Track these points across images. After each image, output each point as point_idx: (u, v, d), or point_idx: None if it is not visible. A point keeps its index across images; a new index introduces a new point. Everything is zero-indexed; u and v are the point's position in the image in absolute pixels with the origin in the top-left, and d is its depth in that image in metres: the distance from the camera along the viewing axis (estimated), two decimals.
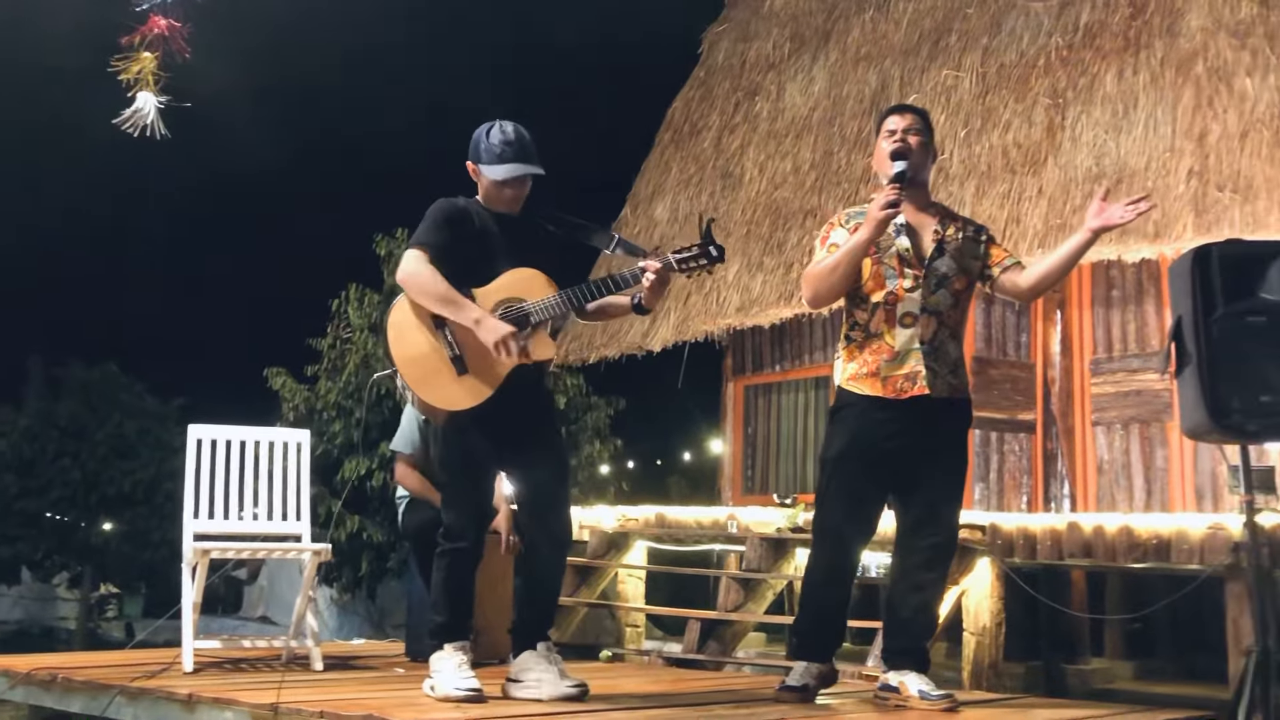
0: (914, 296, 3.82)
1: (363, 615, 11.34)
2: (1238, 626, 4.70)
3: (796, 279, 8.99)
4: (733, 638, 5.95)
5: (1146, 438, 8.05)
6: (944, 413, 3.80)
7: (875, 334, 3.83)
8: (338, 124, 24.16)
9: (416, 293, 3.72)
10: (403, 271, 3.74)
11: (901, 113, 4.07)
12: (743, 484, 10.46)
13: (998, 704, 4.12)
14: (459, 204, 3.89)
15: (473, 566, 3.83)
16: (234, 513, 4.87)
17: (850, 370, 3.87)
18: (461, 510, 3.79)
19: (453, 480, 3.89)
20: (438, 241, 3.74)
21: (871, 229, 3.73)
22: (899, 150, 3.89)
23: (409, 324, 3.75)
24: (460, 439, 3.77)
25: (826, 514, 3.91)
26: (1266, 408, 3.69)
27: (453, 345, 3.68)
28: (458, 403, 3.69)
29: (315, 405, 9.88)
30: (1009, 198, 7.95)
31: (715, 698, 4.08)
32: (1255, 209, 6.86)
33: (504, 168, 3.82)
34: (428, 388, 3.69)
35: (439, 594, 3.80)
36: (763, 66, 10.78)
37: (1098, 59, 8.21)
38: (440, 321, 3.70)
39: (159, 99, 4.44)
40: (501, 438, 3.77)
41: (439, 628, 3.78)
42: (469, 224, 3.84)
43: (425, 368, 3.70)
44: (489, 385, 3.68)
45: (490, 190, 3.88)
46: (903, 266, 3.84)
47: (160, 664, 4.45)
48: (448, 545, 3.80)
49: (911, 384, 3.76)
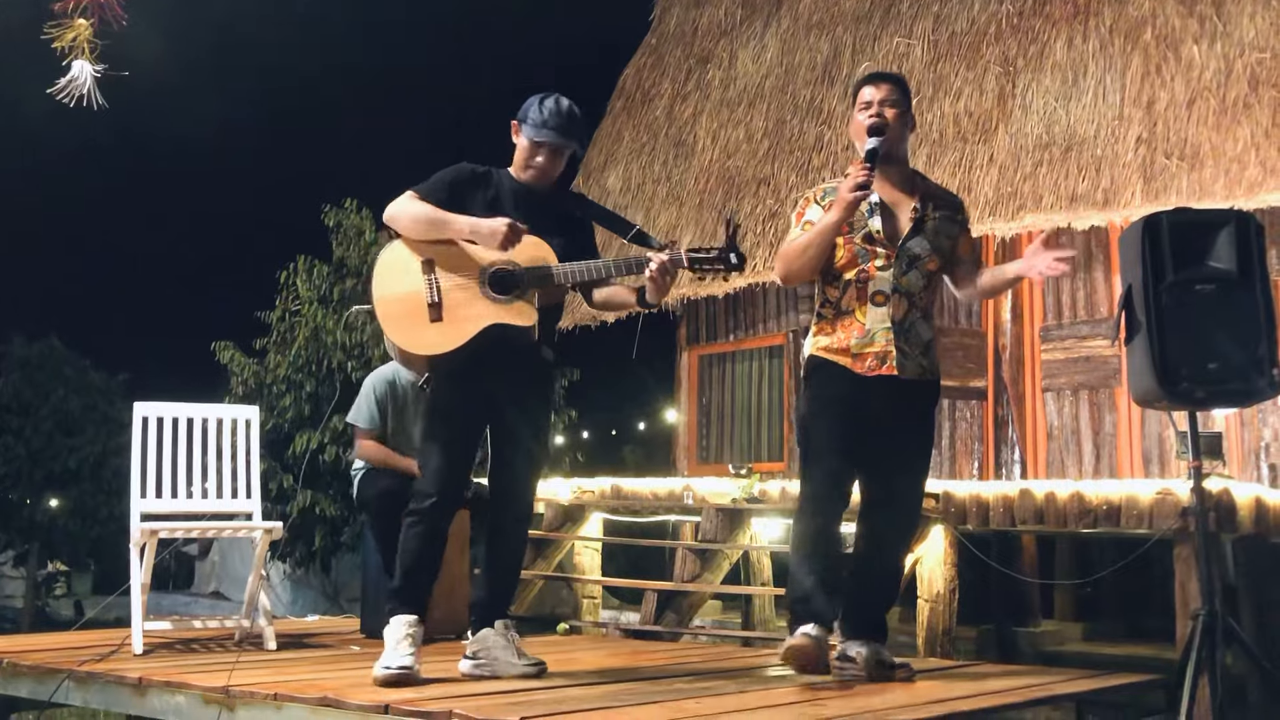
0: (885, 275, 3.77)
1: (317, 589, 11.26)
2: (1185, 590, 4.78)
3: (750, 248, 8.98)
4: (689, 608, 5.97)
5: (1095, 404, 8.16)
6: (912, 392, 3.79)
7: (846, 311, 3.78)
8: (284, 95, 23.72)
9: (403, 219, 3.64)
10: (391, 209, 3.67)
11: (877, 82, 3.94)
12: (698, 453, 10.49)
13: (951, 671, 4.16)
14: (477, 169, 3.83)
15: (438, 532, 3.69)
16: (183, 491, 4.79)
17: (822, 343, 3.83)
18: (436, 466, 3.68)
19: (430, 433, 3.77)
20: (433, 191, 3.69)
21: (841, 210, 3.67)
22: (875, 126, 3.80)
23: (397, 264, 3.65)
24: (443, 392, 3.72)
25: (812, 468, 3.80)
26: (1214, 375, 3.74)
27: (434, 291, 3.60)
28: (424, 346, 3.62)
29: (265, 379, 9.75)
30: (960, 166, 7.98)
31: (673, 670, 4.08)
32: (1202, 177, 6.94)
33: (543, 130, 3.77)
34: (398, 328, 3.63)
35: (399, 557, 3.68)
36: (715, 33, 10.71)
37: (1048, 26, 8.24)
38: (429, 267, 3.61)
39: (95, 67, 4.29)
40: (489, 403, 3.71)
41: (391, 592, 3.68)
42: (483, 188, 3.78)
43: (400, 308, 3.62)
44: (462, 333, 3.59)
45: (523, 153, 3.81)
46: (874, 246, 3.78)
47: (110, 645, 4.37)
48: (412, 505, 3.69)
49: (880, 363, 3.72)
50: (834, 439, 3.73)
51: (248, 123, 22.40)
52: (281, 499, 9.36)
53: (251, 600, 4.78)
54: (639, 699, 3.29)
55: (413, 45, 22.57)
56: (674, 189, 9.99)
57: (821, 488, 3.74)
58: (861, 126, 3.84)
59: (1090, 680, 3.91)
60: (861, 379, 3.72)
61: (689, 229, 9.54)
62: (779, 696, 3.42)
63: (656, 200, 10.06)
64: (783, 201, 8.92)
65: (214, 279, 23.38)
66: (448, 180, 3.74)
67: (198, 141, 21.80)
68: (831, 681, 3.62)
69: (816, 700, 3.29)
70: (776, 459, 9.81)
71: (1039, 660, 6.98)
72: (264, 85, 23.06)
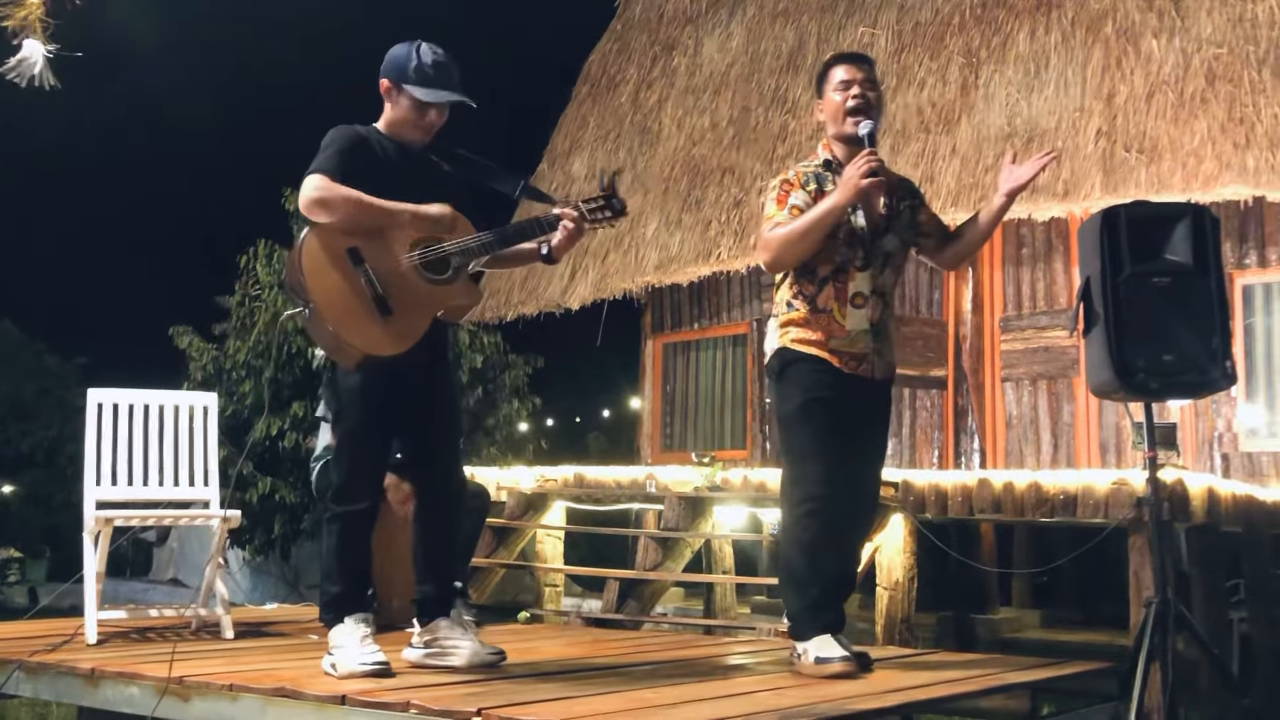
0: (865, 276, 3.70)
1: (276, 576, 11.17)
2: (1139, 578, 4.85)
3: (715, 236, 9.00)
4: (651, 596, 5.98)
5: (1054, 393, 8.24)
6: (881, 390, 3.78)
7: (823, 310, 3.68)
8: (243, 75, 23.43)
9: (330, 208, 3.36)
10: (306, 196, 3.36)
11: (857, 62, 3.81)
12: (662, 441, 10.50)
13: (909, 660, 4.19)
14: (359, 131, 3.56)
15: (369, 530, 3.59)
16: (139, 479, 4.72)
17: (794, 335, 3.71)
18: (362, 468, 3.53)
19: (356, 433, 3.54)
20: (339, 168, 3.40)
21: (850, 194, 3.54)
22: (859, 106, 3.69)
23: (323, 260, 3.38)
24: (370, 390, 3.48)
25: (806, 468, 3.65)
26: (1169, 367, 3.79)
27: (374, 284, 3.39)
28: (382, 347, 3.40)
29: (224, 364, 9.63)
30: (923, 156, 8.03)
31: (634, 660, 4.08)
32: (1160, 169, 7.02)
33: (435, 92, 3.52)
34: (350, 327, 3.37)
35: (333, 562, 3.53)
36: (680, 20, 10.69)
37: (1011, 17, 8.29)
38: (357, 259, 3.39)
39: (47, 47, 4.21)
40: (406, 390, 3.54)
41: (335, 599, 3.53)
42: (370, 153, 3.52)
43: (347, 306, 3.37)
44: (414, 331, 3.44)
45: (407, 114, 3.56)
46: (855, 245, 3.69)
47: (62, 635, 4.30)
48: (342, 508, 3.53)
49: (858, 364, 3.68)
50: (823, 438, 3.63)
51: (206, 104, 22.11)
52: (241, 485, 9.26)
53: (208, 588, 4.73)
54: (598, 688, 3.29)
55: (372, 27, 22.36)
56: (639, 176, 9.98)
57: (820, 487, 3.60)
58: (841, 108, 3.71)
59: (1044, 669, 3.96)
60: (837, 373, 3.68)
61: (653, 216, 9.53)
62: (739, 686, 3.43)
63: (621, 187, 10.02)
64: (747, 190, 8.94)
65: (172, 263, 23.10)
66: (345, 148, 3.47)
67: (155, 123, 21.50)
68: (790, 671, 3.63)
69: (775, 690, 3.31)
70: (740, 446, 9.84)
71: (997, 647, 7.05)
72: (222, 65, 22.79)
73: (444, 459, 3.72)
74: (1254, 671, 5.91)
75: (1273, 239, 7.45)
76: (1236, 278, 7.49)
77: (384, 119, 3.64)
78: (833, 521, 3.62)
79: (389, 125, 3.63)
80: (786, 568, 3.70)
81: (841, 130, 3.73)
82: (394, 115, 3.61)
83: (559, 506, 6.87)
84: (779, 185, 3.77)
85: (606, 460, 14.53)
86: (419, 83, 3.54)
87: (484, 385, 10.48)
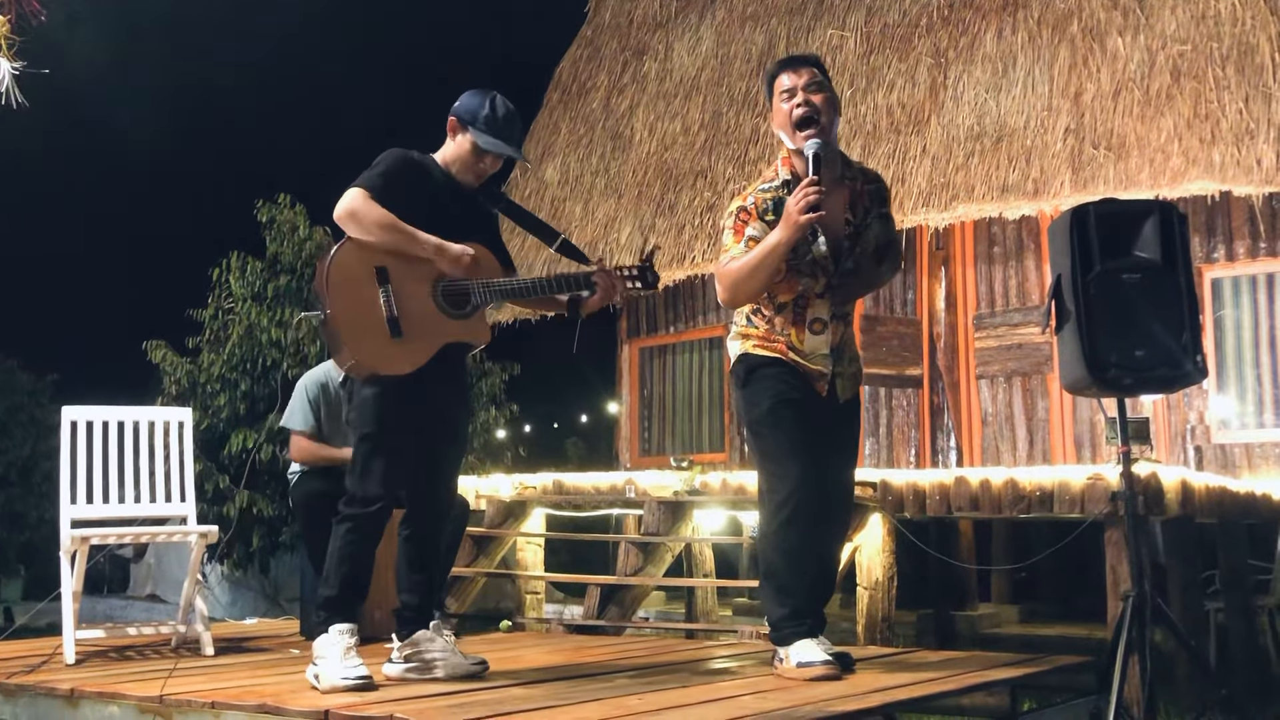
0: (824, 302, 3.67)
1: (256, 590, 11.09)
2: (1116, 572, 4.89)
3: (689, 240, 9.02)
4: (633, 601, 5.98)
5: (1028, 389, 8.31)
6: (845, 410, 3.78)
7: (781, 333, 3.68)
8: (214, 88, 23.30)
9: (364, 225, 3.49)
10: (343, 208, 3.50)
11: (795, 68, 3.68)
12: (640, 445, 10.51)
13: (890, 659, 4.22)
14: (417, 158, 3.72)
15: (376, 538, 3.63)
16: (114, 496, 4.69)
17: (755, 342, 3.72)
18: (374, 474, 3.57)
19: (369, 441, 3.60)
20: (382, 187, 3.54)
21: (791, 231, 3.45)
22: (805, 116, 3.59)
23: (351, 271, 3.52)
24: (386, 400, 3.59)
25: (775, 471, 3.62)
26: (1141, 362, 3.82)
27: (391, 305, 3.52)
28: (390, 366, 3.53)
29: (198, 378, 9.56)
30: (894, 157, 8.07)
31: (617, 666, 4.09)
32: (1128, 166, 7.09)
33: (496, 142, 3.69)
34: (360, 343, 3.51)
35: (334, 565, 3.55)
36: (650, 25, 10.71)
37: (978, 18, 8.36)
38: (384, 278, 3.52)
39: (13, 65, 4.17)
40: (423, 407, 3.63)
41: (327, 601, 3.55)
42: (425, 182, 3.68)
43: (361, 323, 3.51)
44: (424, 353, 3.56)
45: (466, 155, 3.72)
46: (817, 271, 3.64)
47: (40, 655, 4.27)
48: (352, 510, 3.56)
49: (818, 381, 3.69)
50: (795, 439, 3.61)
51: (177, 116, 21.97)
52: (218, 500, 9.20)
53: (188, 605, 4.70)
54: (582, 696, 3.29)
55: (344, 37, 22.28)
56: (612, 181, 9.99)
57: (798, 489, 3.57)
58: (788, 116, 3.63)
59: (1024, 666, 3.99)
60: (801, 376, 3.68)
61: (627, 221, 9.55)
62: (722, 690, 3.44)
63: (595, 192, 10.05)
64: (720, 194, 8.96)
65: (144, 276, 22.93)
66: (394, 172, 3.62)
67: (125, 135, 21.35)
68: (772, 675, 3.65)
69: (758, 693, 3.32)
70: (718, 449, 9.86)
71: (977, 643, 7.11)
72: (193, 78, 22.64)
73: (444, 481, 3.80)
74: (1231, 661, 5.98)
75: (1240, 233, 7.54)
76: (1205, 272, 7.57)
77: (443, 152, 3.80)
78: (812, 524, 3.60)
79: (446, 160, 3.78)
80: (767, 573, 3.69)
81: (794, 143, 3.63)
82: (453, 153, 3.77)
83: (538, 514, 6.87)
84: (735, 214, 3.67)
85: (585, 465, 14.52)
86: (485, 130, 3.70)
87: None
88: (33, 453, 15.50)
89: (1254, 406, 7.50)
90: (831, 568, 3.90)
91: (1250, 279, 7.54)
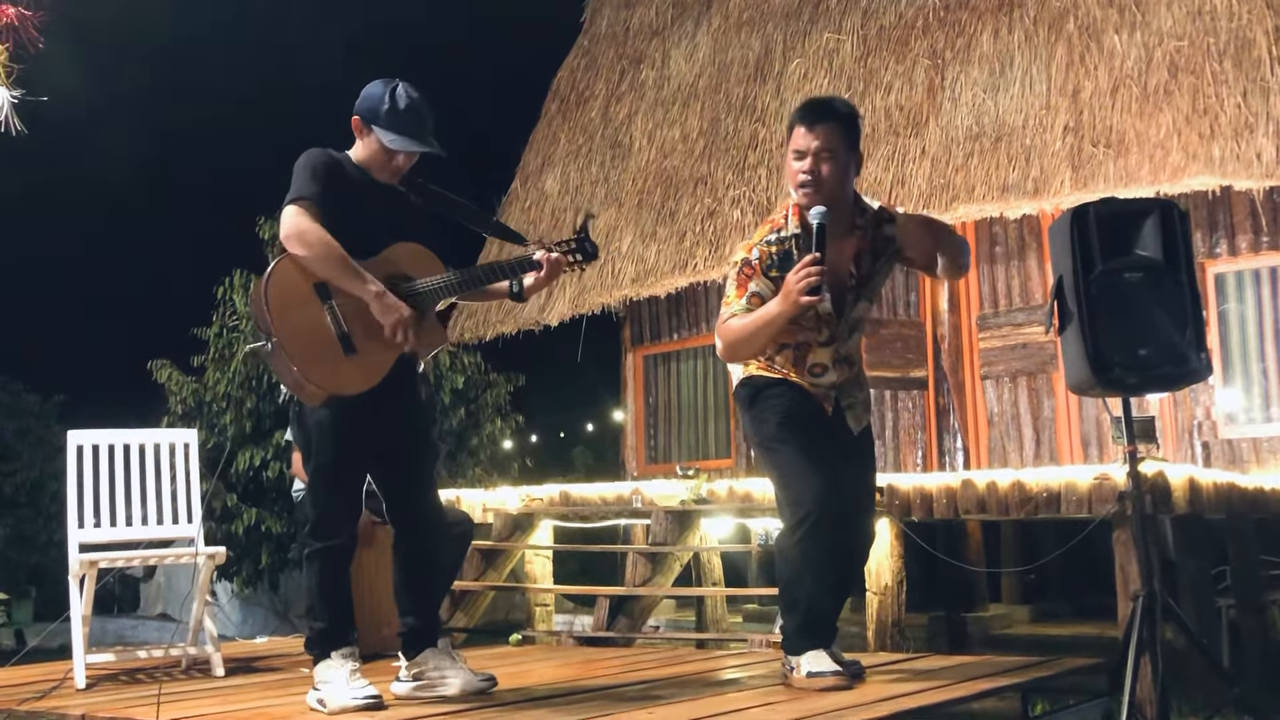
0: (827, 350, 3.62)
1: (266, 607, 11.10)
2: (1125, 572, 4.87)
3: (690, 247, 9.02)
4: (642, 612, 5.97)
5: (1034, 389, 8.29)
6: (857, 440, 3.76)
7: (781, 369, 3.66)
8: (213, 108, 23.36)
9: (311, 254, 3.30)
10: (289, 230, 3.31)
11: (811, 125, 3.48)
12: (646, 453, 10.50)
13: (900, 666, 4.20)
14: (332, 155, 3.50)
15: (348, 564, 3.57)
16: (121, 519, 4.69)
17: (758, 366, 3.68)
18: (337, 503, 3.49)
19: (327, 470, 3.49)
20: (318, 194, 3.36)
21: (790, 308, 3.37)
22: (806, 184, 3.45)
23: (291, 292, 3.32)
24: (339, 424, 3.43)
25: (791, 485, 3.56)
26: (1145, 361, 3.81)
27: (339, 321, 3.34)
28: (346, 386, 3.36)
29: (204, 397, 9.58)
30: (893, 160, 8.07)
31: (627, 679, 4.08)
32: (1128, 163, 7.08)
33: (404, 139, 3.48)
34: (314, 366, 3.30)
35: (316, 599, 3.49)
36: (646, 33, 10.73)
37: (974, 18, 8.36)
38: (325, 294, 3.34)
39: (12, 93, 4.19)
40: (378, 424, 3.50)
41: (321, 635, 3.50)
42: (346, 182, 3.47)
43: (311, 343, 3.31)
44: (378, 369, 3.40)
45: (377, 155, 3.53)
46: (820, 325, 3.61)
47: (51, 680, 4.28)
48: (321, 544, 3.48)
49: (825, 401, 3.65)
50: (808, 453, 3.56)
51: (177, 137, 22.03)
52: (226, 518, 9.21)
53: (197, 626, 4.71)
54: (591, 712, 3.28)
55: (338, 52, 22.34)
56: (612, 190, 10.00)
57: (815, 505, 3.50)
58: (794, 178, 3.52)
59: (1034, 670, 3.98)
60: (810, 395, 3.66)
61: (628, 230, 9.55)
62: (732, 702, 3.44)
63: (595, 202, 10.06)
64: (720, 200, 8.97)
65: (148, 297, 22.98)
66: (322, 173, 3.42)
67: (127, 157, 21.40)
68: (782, 685, 3.64)
69: (768, 705, 3.31)
70: (725, 455, 9.86)
71: (988, 644, 7.09)
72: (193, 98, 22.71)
73: (418, 493, 3.69)
74: (1244, 657, 5.95)
75: (1241, 227, 7.53)
76: (1208, 267, 7.56)
77: (354, 151, 3.62)
78: (830, 535, 3.55)
79: (361, 160, 3.60)
80: (786, 583, 3.66)
81: (799, 202, 3.54)
82: (364, 153, 3.59)
83: (546, 525, 6.86)
84: (740, 266, 3.58)
85: (592, 474, 14.50)
86: (389, 127, 3.49)
87: (466, 405, 10.46)
88: (41, 474, 15.54)
89: (1260, 401, 7.48)
90: (850, 576, 3.86)
91: (1254, 273, 7.52)
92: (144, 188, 23.40)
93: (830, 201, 3.48)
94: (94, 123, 14.41)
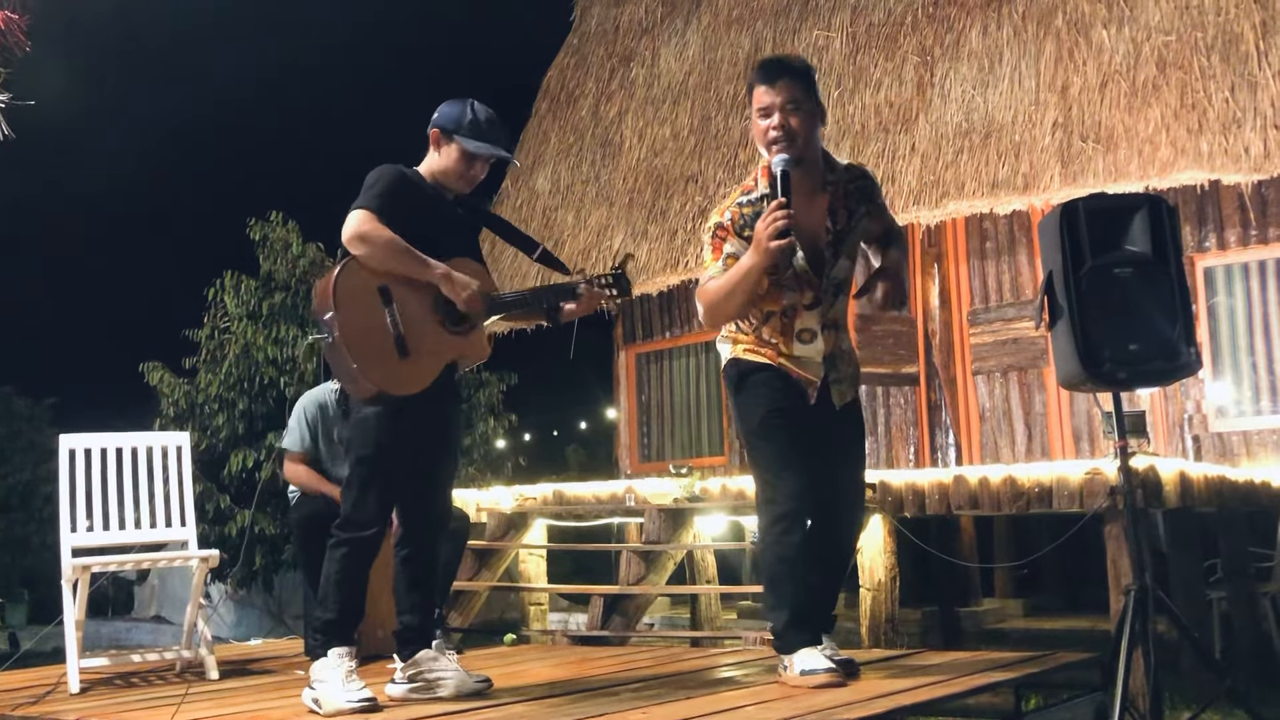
0: (813, 313, 3.59)
1: (260, 608, 11.08)
2: (1117, 566, 4.89)
3: (682, 245, 9.03)
4: (636, 610, 5.98)
5: (1025, 384, 8.31)
6: (843, 414, 3.74)
7: (769, 341, 3.64)
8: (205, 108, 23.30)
9: (373, 249, 3.47)
10: (352, 231, 3.47)
11: (772, 82, 3.52)
12: (639, 451, 10.51)
13: (894, 662, 4.22)
14: (405, 172, 3.70)
15: (371, 559, 3.62)
16: (114, 522, 4.68)
17: (745, 346, 3.68)
18: (371, 498, 3.56)
19: (367, 464, 3.59)
20: (386, 207, 3.52)
21: (762, 257, 3.38)
22: (777, 139, 3.48)
23: (357, 292, 3.49)
24: (383, 420, 3.56)
25: (771, 482, 3.56)
26: (1136, 356, 3.83)
27: (397, 324, 3.51)
28: (400, 386, 3.52)
29: (196, 399, 9.55)
30: (883, 156, 8.08)
31: (621, 678, 4.09)
32: (1117, 158, 7.10)
33: (485, 145, 3.71)
34: (371, 365, 3.48)
35: (331, 587, 3.54)
36: (636, 31, 10.72)
37: (963, 15, 8.37)
38: (387, 298, 3.52)
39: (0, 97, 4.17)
40: (418, 427, 3.61)
41: (326, 625, 3.53)
42: (419, 196, 3.68)
43: (368, 341, 3.49)
44: (428, 374, 3.57)
45: (455, 164, 3.72)
46: (801, 284, 3.58)
47: (45, 685, 4.27)
48: (348, 535, 3.54)
49: (809, 388, 3.64)
50: (789, 451, 3.56)
51: (169, 138, 21.99)
52: (219, 520, 9.19)
53: (191, 629, 4.70)
54: (587, 711, 3.29)
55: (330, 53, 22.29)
56: (603, 189, 10.00)
57: (794, 502, 3.52)
58: (763, 134, 3.54)
59: (1027, 665, 3.99)
60: (794, 381, 3.66)
61: (619, 228, 9.56)
62: (726, 701, 3.44)
63: (586, 200, 10.06)
64: (711, 198, 8.97)
65: (139, 299, 22.93)
66: (394, 188, 3.61)
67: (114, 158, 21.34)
68: (776, 683, 3.65)
69: (762, 703, 3.32)
70: (717, 453, 9.87)
71: (983, 639, 7.11)
72: (184, 99, 22.64)
73: (440, 496, 3.80)
74: (1235, 649, 5.98)
75: (1230, 221, 7.55)
76: (1198, 261, 7.58)
77: (426, 166, 3.79)
78: (813, 533, 3.57)
79: (432, 172, 3.77)
80: (769, 582, 3.66)
81: (770, 159, 3.53)
82: (440, 164, 3.76)
83: (540, 525, 6.86)
84: (715, 230, 3.60)
85: (586, 472, 14.51)
86: (470, 135, 3.70)
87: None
88: (33, 477, 15.51)
89: (1250, 394, 7.51)
90: (838, 571, 3.85)
91: (1242, 266, 7.55)
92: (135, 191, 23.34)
93: (802, 155, 3.52)
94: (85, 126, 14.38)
